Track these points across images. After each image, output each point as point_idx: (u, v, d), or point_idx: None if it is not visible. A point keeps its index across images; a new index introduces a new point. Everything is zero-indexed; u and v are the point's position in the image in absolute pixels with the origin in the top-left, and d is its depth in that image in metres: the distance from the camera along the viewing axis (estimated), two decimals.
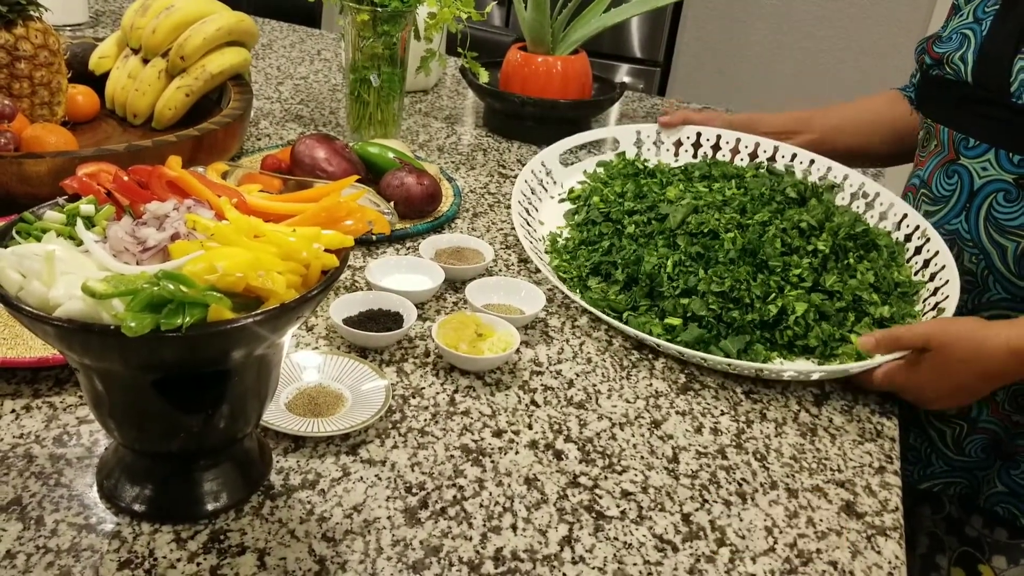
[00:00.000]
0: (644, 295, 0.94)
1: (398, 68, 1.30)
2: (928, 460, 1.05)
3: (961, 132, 0.96)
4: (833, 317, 0.90)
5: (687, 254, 0.94)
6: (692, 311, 0.90)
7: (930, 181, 1.01)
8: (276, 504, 0.65)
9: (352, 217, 0.63)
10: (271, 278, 0.53)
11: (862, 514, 0.72)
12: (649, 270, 0.93)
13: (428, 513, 0.66)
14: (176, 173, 0.64)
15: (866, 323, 0.92)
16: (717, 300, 0.90)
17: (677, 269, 0.93)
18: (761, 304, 0.89)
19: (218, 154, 1.12)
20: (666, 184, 1.11)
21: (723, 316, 0.89)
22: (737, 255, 0.93)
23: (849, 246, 0.97)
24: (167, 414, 0.58)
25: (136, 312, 0.49)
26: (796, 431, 0.81)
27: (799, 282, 0.91)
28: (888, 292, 0.95)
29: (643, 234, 1.01)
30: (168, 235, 0.57)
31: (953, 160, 0.97)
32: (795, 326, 0.89)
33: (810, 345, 0.90)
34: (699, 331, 0.89)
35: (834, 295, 0.92)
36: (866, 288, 0.93)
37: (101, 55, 1.31)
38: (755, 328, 0.90)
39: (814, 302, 0.90)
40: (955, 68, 0.95)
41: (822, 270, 0.93)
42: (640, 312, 0.93)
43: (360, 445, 0.72)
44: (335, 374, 0.79)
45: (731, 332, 0.89)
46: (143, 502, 0.62)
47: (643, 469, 0.74)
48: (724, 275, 0.90)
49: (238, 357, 0.56)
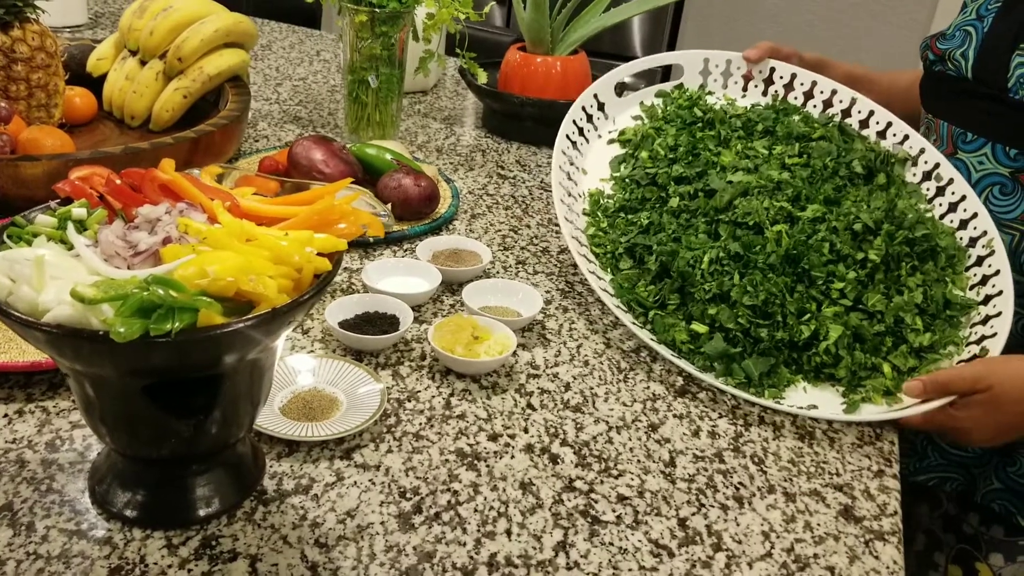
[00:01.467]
0: (674, 290, 0.90)
1: (396, 69, 1.30)
2: (924, 453, 1.05)
3: (960, 127, 0.96)
4: (869, 342, 0.85)
5: (726, 251, 0.88)
6: (720, 321, 0.86)
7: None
8: (269, 509, 0.65)
9: (345, 220, 0.63)
10: (262, 282, 0.53)
11: (860, 518, 0.72)
12: (683, 267, 0.89)
13: (422, 518, 0.66)
14: (169, 176, 0.63)
15: (902, 351, 0.86)
16: (747, 312, 0.85)
17: (712, 268, 0.88)
18: (795, 322, 0.84)
19: (215, 156, 1.12)
20: (723, 140, 1.03)
21: (752, 331, 0.85)
22: (779, 261, 0.87)
23: (904, 252, 0.89)
24: (158, 419, 0.58)
25: (125, 317, 0.49)
26: (794, 434, 0.81)
27: (839, 298, 0.86)
28: (935, 315, 0.89)
29: (686, 210, 0.96)
30: (159, 239, 0.56)
31: (951, 154, 0.98)
32: (824, 355, 0.85)
33: (837, 375, 0.85)
34: (724, 345, 0.85)
35: (874, 316, 0.86)
36: (911, 310, 0.87)
37: (99, 57, 1.31)
38: (783, 347, 0.85)
39: (851, 323, 0.85)
40: (956, 64, 0.96)
41: (868, 282, 0.87)
42: (668, 312, 0.90)
43: (354, 449, 0.72)
44: (330, 378, 0.78)
45: (756, 351, 0.85)
46: (135, 507, 0.62)
47: (639, 473, 0.73)
48: (760, 285, 0.85)
49: (230, 362, 0.56)
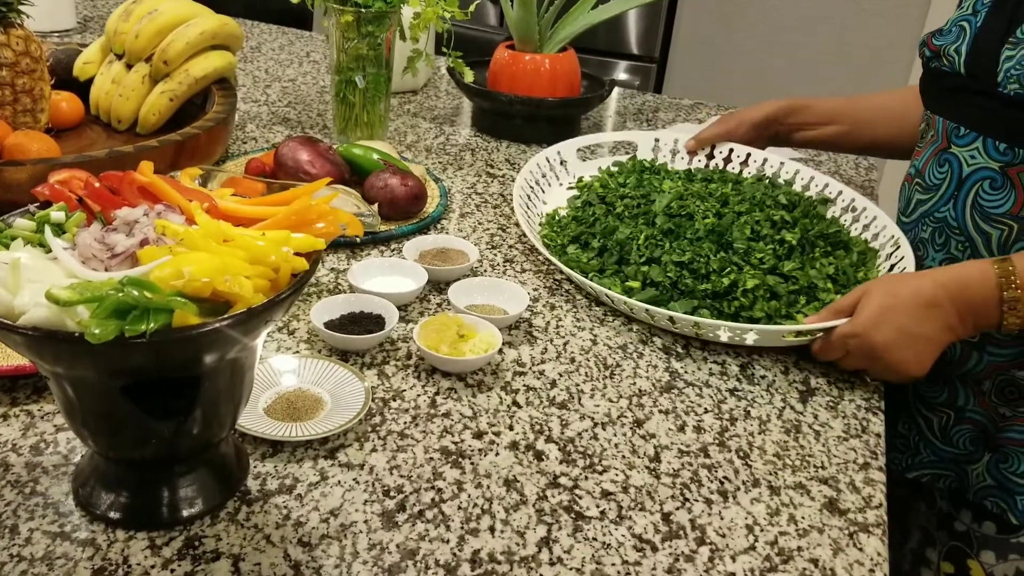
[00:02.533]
0: (613, 261, 1.00)
1: (383, 69, 1.30)
2: (916, 448, 1.05)
3: (953, 121, 0.97)
4: (783, 298, 0.94)
5: (660, 230, 1.01)
6: (651, 277, 0.96)
7: (924, 170, 1.02)
8: (252, 509, 0.65)
9: (324, 220, 0.63)
10: (238, 282, 0.54)
11: (845, 511, 0.72)
12: (621, 239, 1.00)
13: (405, 516, 0.66)
14: (147, 178, 0.64)
15: (814, 307, 0.94)
16: (675, 269, 0.95)
17: (648, 242, 0.99)
18: (716, 277, 0.94)
19: (201, 159, 1.12)
20: (665, 179, 1.17)
21: (678, 283, 0.95)
22: (705, 234, 0.98)
23: (818, 243, 1.01)
24: (139, 421, 0.58)
25: (100, 319, 0.49)
26: (780, 428, 0.82)
27: (759, 264, 0.96)
28: (846, 285, 0.98)
29: (630, 215, 1.06)
30: (137, 241, 0.57)
31: (945, 148, 0.98)
32: (743, 297, 0.93)
33: (755, 316, 0.92)
34: (653, 292, 0.95)
35: (790, 279, 0.96)
36: (823, 278, 0.96)
37: (85, 61, 1.32)
38: (705, 297, 0.94)
39: (767, 282, 0.94)
40: (950, 60, 0.96)
41: (785, 258, 0.97)
42: (606, 276, 0.99)
43: (339, 449, 0.72)
44: (314, 378, 0.79)
45: (682, 297, 0.94)
46: (118, 509, 0.63)
47: (624, 469, 0.74)
48: (687, 249, 0.97)
49: (209, 362, 0.57)
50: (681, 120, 1.68)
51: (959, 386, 1.00)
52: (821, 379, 0.90)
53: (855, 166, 1.52)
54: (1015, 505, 0.94)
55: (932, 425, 1.03)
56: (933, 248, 1.00)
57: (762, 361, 0.92)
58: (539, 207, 1.17)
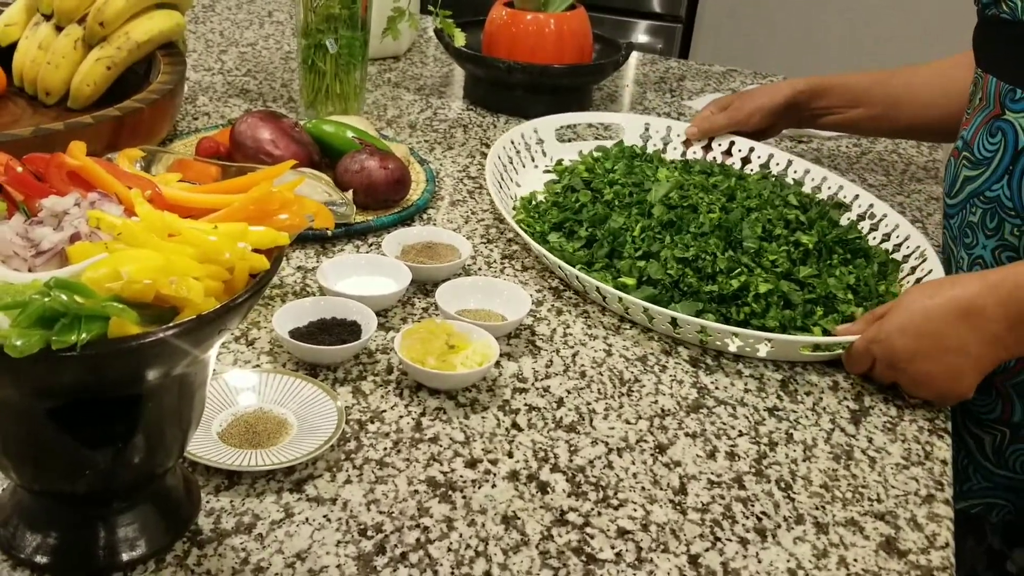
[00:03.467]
0: (604, 254, 1.01)
1: (359, 31, 1.31)
2: (966, 474, 1.05)
3: (1009, 82, 0.96)
4: (799, 307, 0.95)
5: (659, 221, 1.02)
6: (649, 274, 0.96)
7: (972, 142, 1.01)
8: (204, 552, 0.65)
9: (287, 210, 0.63)
10: (186, 284, 0.54)
11: (905, 552, 0.72)
12: (614, 229, 1.01)
13: (385, 560, 0.66)
14: (79, 162, 0.64)
15: (833, 319, 0.95)
16: (677, 266, 0.96)
17: (644, 234, 1.00)
18: (724, 278, 0.95)
19: (144, 138, 1.13)
20: (660, 165, 1.20)
21: (681, 283, 0.95)
22: (711, 229, 0.99)
23: (836, 249, 1.03)
24: (69, 449, 0.58)
25: (23, 328, 0.49)
26: (828, 454, 0.82)
27: (771, 268, 0.97)
28: (867, 298, 0.99)
29: (621, 204, 1.07)
30: (67, 236, 0.57)
31: (999, 115, 0.98)
32: (754, 303, 0.94)
33: (768, 325, 0.93)
34: (651, 291, 0.95)
35: (806, 287, 0.97)
36: (843, 288, 0.97)
37: (7, 23, 1.32)
38: (711, 300, 0.95)
39: (781, 288, 0.95)
40: (1012, 6, 0.95)
41: (800, 263, 0.99)
42: (595, 270, 1.00)
43: (306, 480, 0.72)
44: (277, 397, 0.79)
45: (684, 298, 0.95)
46: (46, 552, 0.63)
47: (644, 503, 0.74)
48: (691, 244, 0.97)
49: (152, 379, 0.57)
50: (711, 91, 1.68)
51: (1016, 399, 0.99)
52: (877, 396, 0.90)
53: (916, 143, 1.52)
54: None
55: (984, 445, 1.03)
56: (984, 234, 1.00)
57: (807, 375, 0.92)
58: (512, 189, 1.19)
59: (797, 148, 1.47)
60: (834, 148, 1.49)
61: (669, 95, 1.64)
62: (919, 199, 1.34)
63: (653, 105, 1.59)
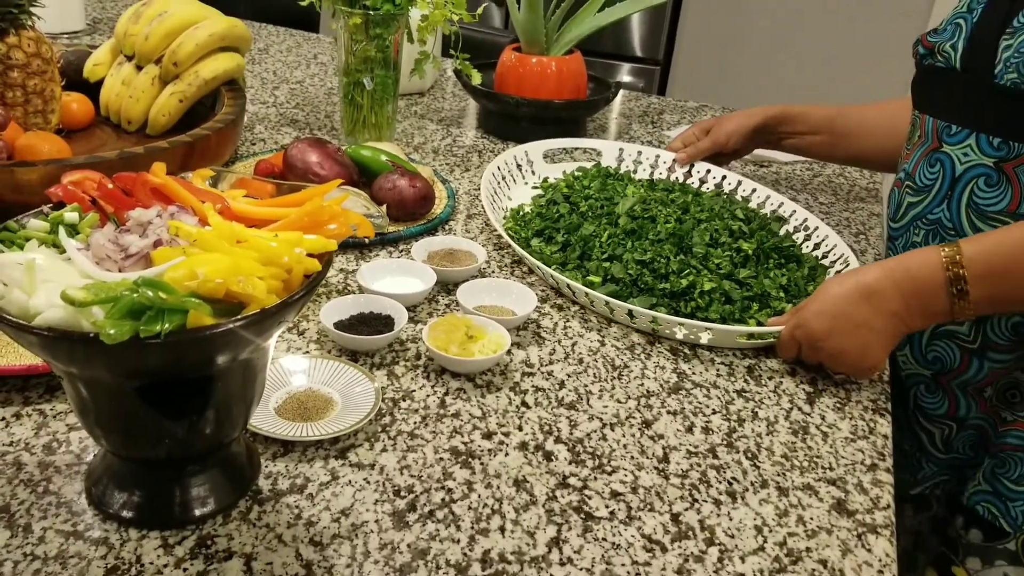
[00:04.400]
0: (576, 256, 1.03)
1: (391, 71, 1.30)
2: (919, 464, 1.04)
3: (945, 120, 0.96)
4: (737, 303, 0.96)
5: (623, 230, 1.03)
6: (612, 273, 0.98)
7: (914, 172, 1.00)
8: (264, 509, 0.65)
9: (335, 221, 0.63)
10: (251, 283, 0.54)
11: (853, 512, 0.72)
12: (585, 235, 1.04)
13: (416, 516, 0.66)
14: (160, 180, 0.64)
15: (766, 313, 0.96)
16: (636, 266, 0.98)
17: (611, 240, 1.02)
18: (675, 278, 0.96)
19: (211, 159, 1.12)
20: (629, 182, 1.21)
21: (639, 281, 0.97)
22: (666, 237, 1.01)
23: (772, 255, 1.04)
24: (152, 421, 0.58)
25: (116, 319, 0.49)
26: (788, 429, 0.81)
27: (716, 269, 0.99)
28: (796, 296, 1.00)
29: (594, 215, 1.09)
30: (150, 242, 0.57)
31: (936, 148, 0.97)
32: (699, 299, 0.95)
33: (710, 317, 0.94)
34: (613, 287, 0.97)
35: (744, 286, 0.98)
36: (776, 287, 0.99)
37: (95, 62, 1.32)
38: (664, 296, 0.96)
39: (723, 287, 0.96)
40: (945, 56, 0.95)
41: (740, 266, 1.00)
42: (568, 269, 1.02)
43: (349, 449, 0.72)
44: (325, 378, 0.79)
45: (641, 294, 0.97)
46: (131, 508, 0.63)
47: (633, 469, 0.74)
48: (649, 249, 0.99)
49: (222, 362, 0.57)
50: (687, 122, 1.68)
51: (960, 395, 0.99)
52: (828, 381, 0.90)
53: (859, 170, 1.52)
54: (1007, 511, 0.93)
55: (935, 438, 1.02)
56: None
57: (769, 363, 0.92)
58: (504, 202, 1.20)
59: (759, 172, 1.47)
60: (790, 172, 1.49)
61: (651, 125, 1.63)
62: (862, 215, 1.34)
63: (638, 134, 1.58)
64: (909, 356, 1.02)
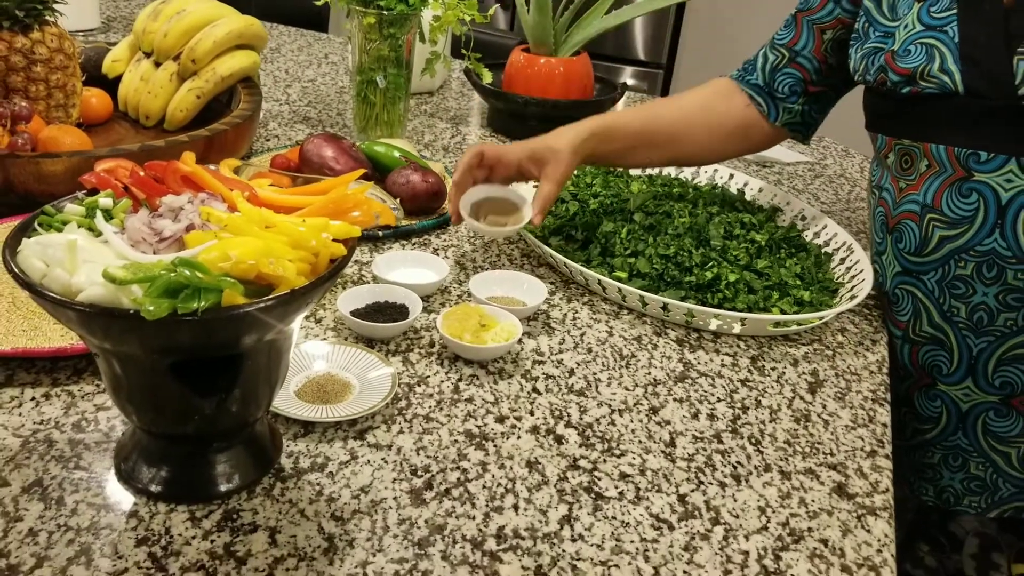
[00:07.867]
0: (599, 253, 1.05)
1: (403, 70, 1.33)
2: (995, 486, 1.01)
3: (971, 148, 0.90)
4: (760, 292, 1.00)
5: (641, 226, 1.07)
6: (638, 269, 1.01)
7: (937, 204, 0.95)
8: (287, 485, 0.67)
9: (359, 209, 0.65)
10: (282, 265, 0.56)
11: (853, 495, 0.74)
12: (606, 231, 1.06)
13: (433, 494, 0.68)
14: (190, 168, 0.66)
15: (787, 301, 1.00)
16: (661, 261, 1.01)
17: (630, 236, 1.05)
18: (699, 271, 0.99)
19: (228, 154, 1.14)
20: (631, 182, 1.23)
21: (665, 275, 1.00)
22: (684, 231, 1.05)
23: (783, 245, 1.09)
24: (183, 397, 0.60)
25: (154, 297, 0.51)
26: (790, 417, 0.83)
27: (735, 261, 1.02)
28: (811, 284, 1.04)
29: (607, 212, 1.11)
30: (183, 226, 0.59)
31: (965, 178, 0.91)
32: (726, 290, 0.98)
33: (737, 307, 0.97)
34: (642, 282, 1.00)
35: (763, 276, 1.02)
36: (792, 276, 1.03)
37: (114, 59, 1.34)
38: (691, 288, 0.99)
39: (745, 277, 1.00)
40: (936, 80, 0.89)
41: (756, 257, 1.04)
42: (593, 266, 1.03)
43: (367, 430, 0.74)
44: (343, 363, 0.81)
45: (670, 288, 1.00)
46: (159, 483, 0.65)
47: (641, 453, 0.76)
48: (671, 243, 1.02)
49: (250, 342, 0.59)
50: None
51: None
52: (829, 371, 0.92)
53: (861, 170, 1.54)
54: None
55: (1011, 458, 1.00)
56: (982, 283, 0.93)
57: (772, 354, 0.94)
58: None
59: (761, 172, 1.49)
60: (792, 172, 1.51)
61: None
62: (863, 215, 1.36)
63: None
64: (972, 387, 0.98)
